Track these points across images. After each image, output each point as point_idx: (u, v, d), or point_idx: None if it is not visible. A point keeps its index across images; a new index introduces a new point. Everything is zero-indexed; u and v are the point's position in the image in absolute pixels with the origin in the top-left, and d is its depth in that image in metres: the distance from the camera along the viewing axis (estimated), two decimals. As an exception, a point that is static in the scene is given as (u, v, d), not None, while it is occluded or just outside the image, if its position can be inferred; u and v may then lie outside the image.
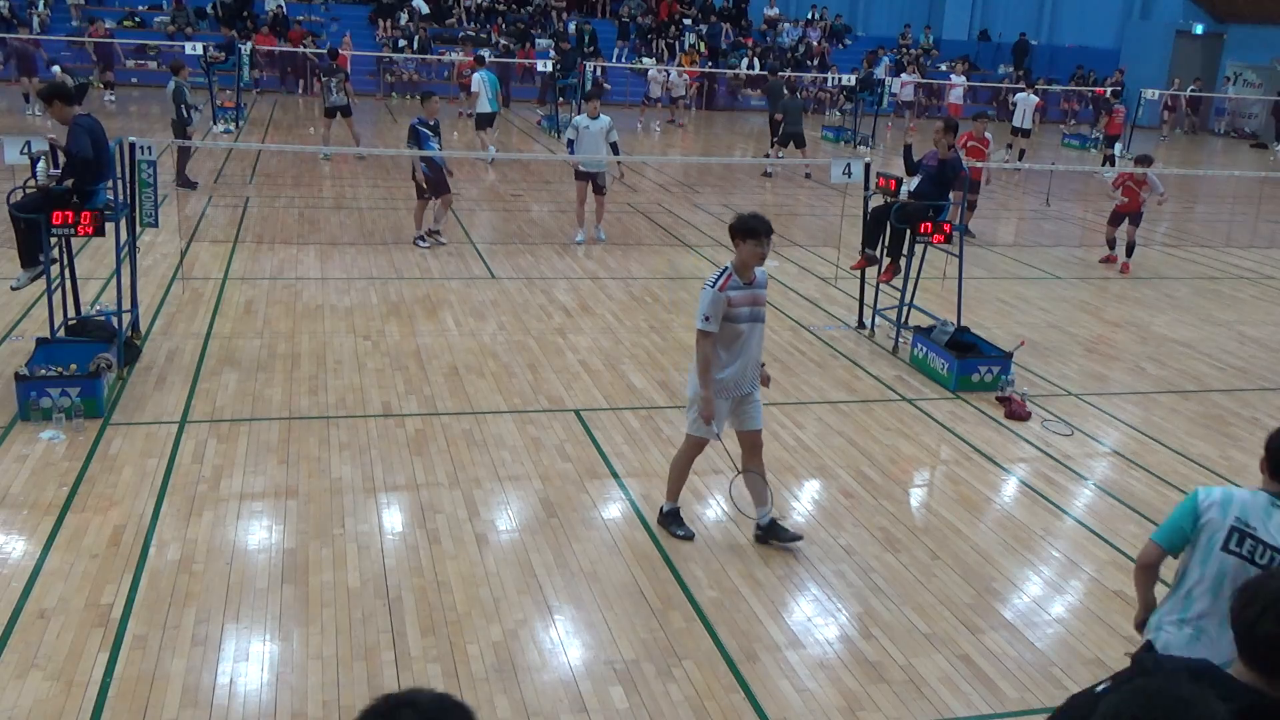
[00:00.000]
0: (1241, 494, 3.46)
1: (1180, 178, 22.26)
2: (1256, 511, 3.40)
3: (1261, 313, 11.68)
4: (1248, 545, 3.36)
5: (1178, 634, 3.44)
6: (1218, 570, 3.39)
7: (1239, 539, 3.37)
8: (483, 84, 17.92)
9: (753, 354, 5.60)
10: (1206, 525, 3.43)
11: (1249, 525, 3.38)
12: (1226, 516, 3.41)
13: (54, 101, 7.51)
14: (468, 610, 5.01)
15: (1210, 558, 3.40)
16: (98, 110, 19.41)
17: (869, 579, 5.53)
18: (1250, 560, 3.36)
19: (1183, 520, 3.49)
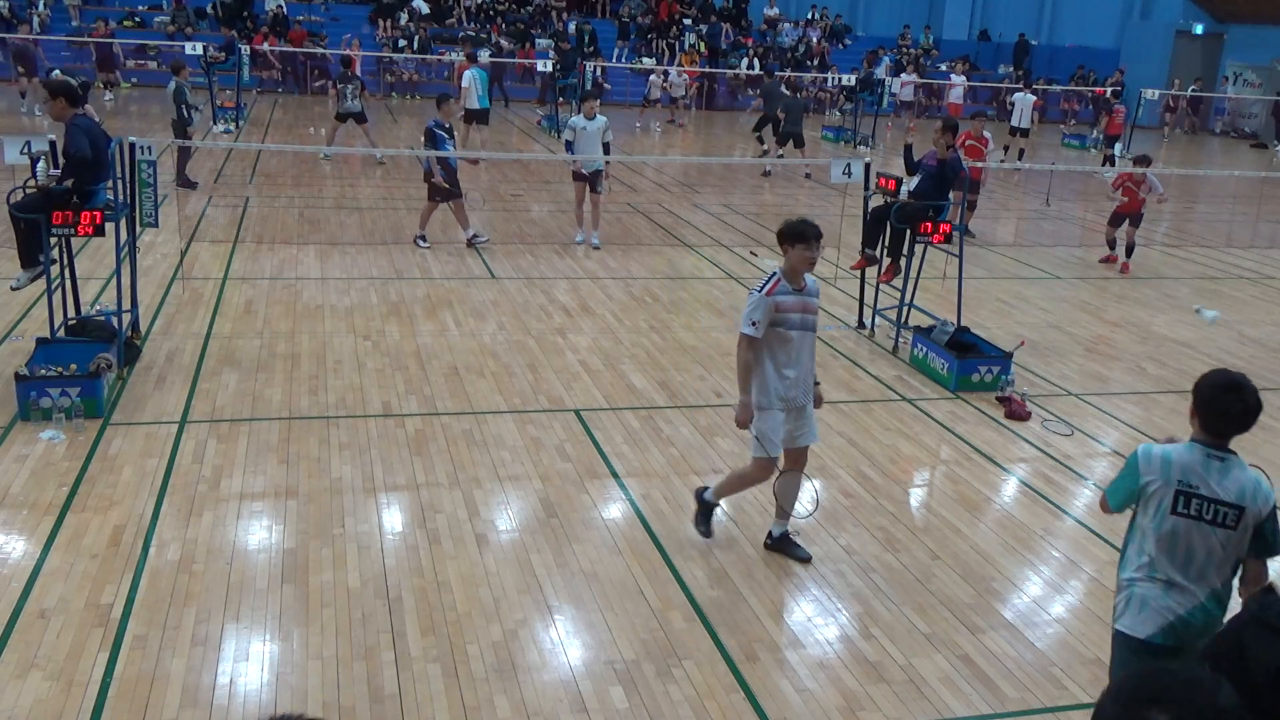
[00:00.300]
0: (1179, 453, 3.63)
1: (1180, 178, 22.27)
2: (1196, 469, 3.59)
3: (1261, 313, 11.68)
4: (1194, 505, 3.58)
5: (1152, 587, 3.65)
6: (1170, 531, 3.60)
7: (1185, 501, 3.58)
8: (474, 80, 18.16)
9: (805, 364, 5.44)
10: (1153, 490, 3.63)
11: (1192, 485, 3.58)
12: (1170, 480, 3.60)
13: (58, 98, 7.51)
14: (468, 610, 5.01)
15: (1163, 521, 3.61)
16: (97, 109, 19.40)
17: (869, 579, 5.53)
18: (1199, 518, 3.57)
19: (1130, 483, 3.71)
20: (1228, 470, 3.60)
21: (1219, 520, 3.56)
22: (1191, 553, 3.60)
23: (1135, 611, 3.67)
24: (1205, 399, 3.66)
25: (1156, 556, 3.64)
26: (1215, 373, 3.75)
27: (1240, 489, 3.57)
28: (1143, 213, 13.13)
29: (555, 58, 24.71)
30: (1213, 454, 3.62)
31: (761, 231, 14.18)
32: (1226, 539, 3.57)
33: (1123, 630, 3.71)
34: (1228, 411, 3.63)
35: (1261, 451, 7.63)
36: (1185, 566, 3.60)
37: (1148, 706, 1.61)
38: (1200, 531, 3.57)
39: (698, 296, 10.78)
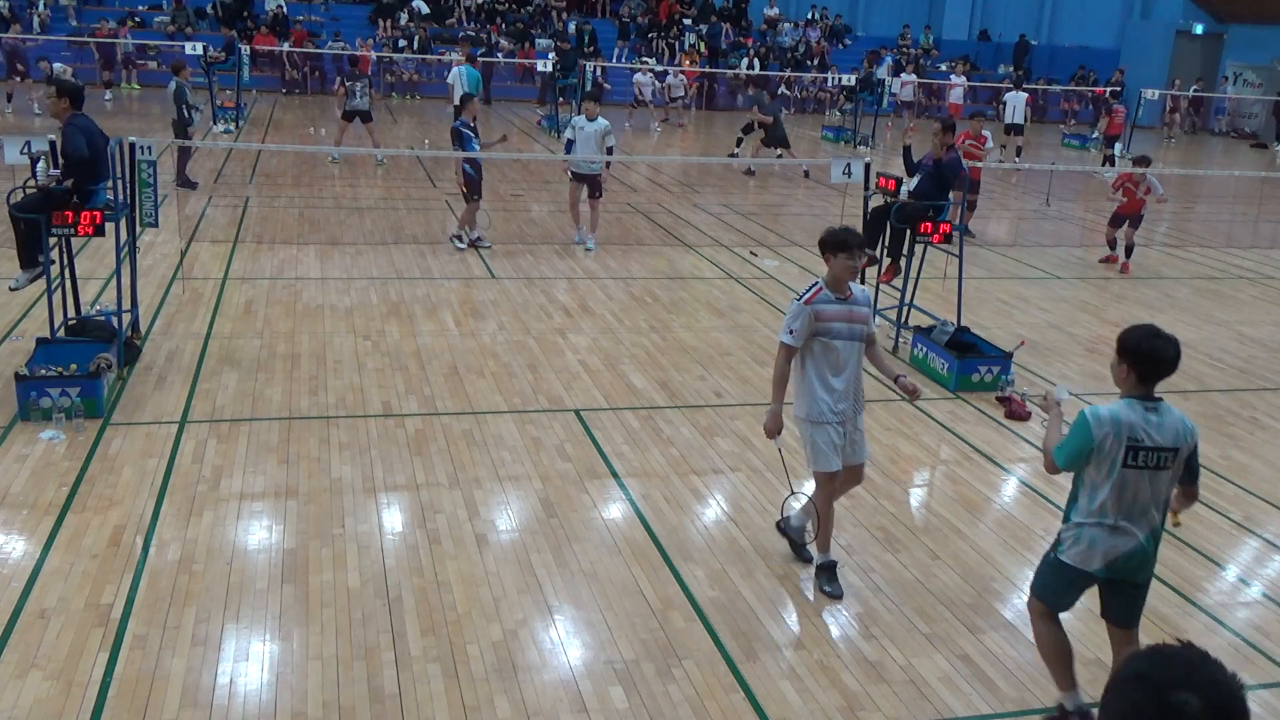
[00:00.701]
0: (1123, 411, 3.99)
1: (1180, 178, 22.27)
2: (1139, 424, 3.97)
3: (1261, 313, 11.68)
4: (1142, 456, 3.98)
5: (1101, 530, 4.08)
6: (1121, 481, 4.01)
7: (1134, 454, 3.97)
8: (459, 77, 18.77)
9: (853, 375, 5.29)
10: (1106, 449, 3.99)
11: (1138, 439, 3.97)
12: (1120, 438, 3.97)
13: (63, 98, 7.51)
14: (468, 610, 5.01)
15: (1115, 474, 4.01)
16: (97, 110, 19.41)
17: (869, 579, 5.53)
18: (1145, 467, 4.00)
19: (1082, 444, 4.03)
20: (1162, 418, 4.00)
21: (1161, 464, 4.00)
22: (1137, 498, 4.04)
23: (1084, 549, 4.12)
24: (1139, 350, 4.01)
25: (1107, 504, 4.04)
26: (1136, 328, 4.12)
27: (1175, 433, 4.01)
28: (1143, 214, 13.13)
29: (555, 58, 24.71)
30: (1148, 406, 4.01)
31: (762, 232, 14.19)
32: (1166, 479, 4.06)
33: (1068, 562, 4.18)
34: (1163, 357, 3.99)
35: (1262, 451, 7.63)
36: (1130, 510, 4.04)
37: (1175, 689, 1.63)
38: (1145, 478, 4.00)
39: (698, 296, 10.78)
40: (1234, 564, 6.00)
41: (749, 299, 10.78)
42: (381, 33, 29.94)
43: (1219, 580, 5.82)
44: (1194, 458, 4.12)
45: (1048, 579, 4.32)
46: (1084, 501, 4.12)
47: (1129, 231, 12.97)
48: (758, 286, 11.26)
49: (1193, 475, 4.18)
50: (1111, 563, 4.10)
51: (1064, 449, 4.11)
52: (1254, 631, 5.29)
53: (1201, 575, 5.82)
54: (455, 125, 12.02)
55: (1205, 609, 5.47)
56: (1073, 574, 4.19)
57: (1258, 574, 5.96)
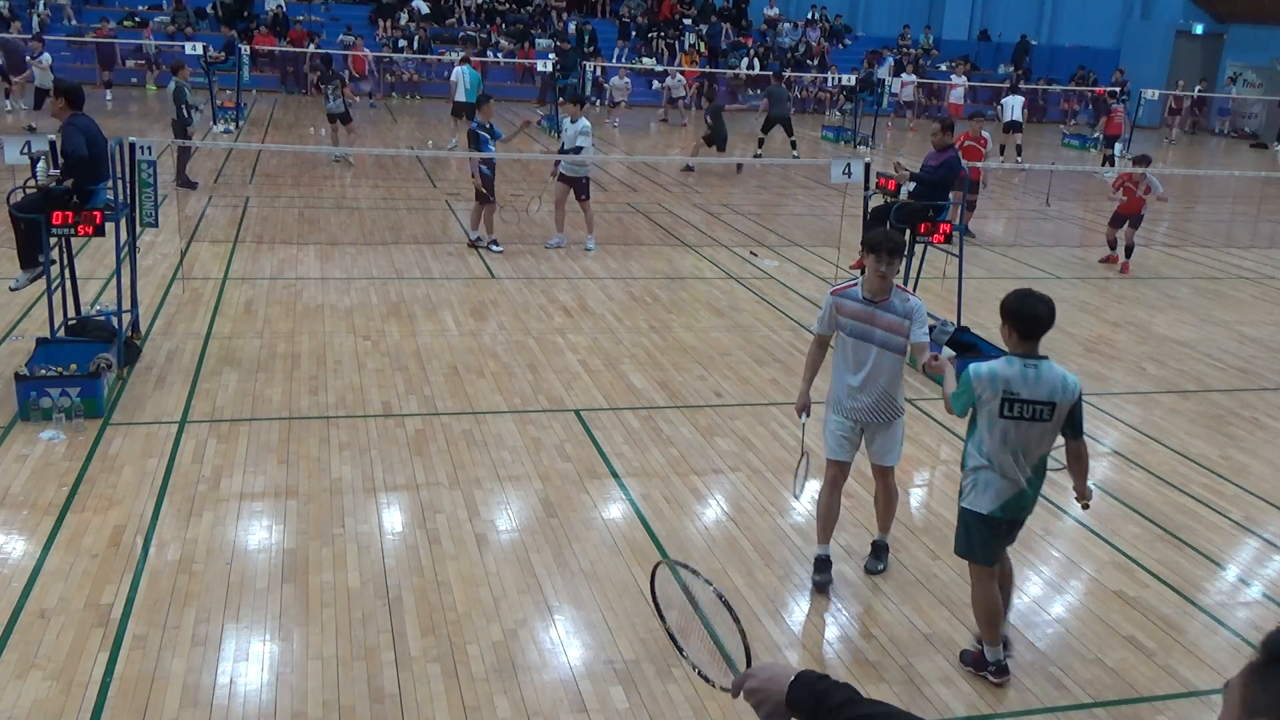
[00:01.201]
0: (1002, 367, 4.39)
1: (1180, 178, 22.26)
2: (1015, 378, 4.37)
3: (1261, 313, 11.68)
4: (1017, 408, 4.38)
5: (991, 475, 4.49)
6: (1001, 431, 4.42)
7: (1009, 405, 4.38)
8: (462, 76, 19.22)
9: (873, 381, 5.22)
10: (985, 400, 4.42)
11: (1014, 392, 4.36)
12: (996, 391, 4.37)
13: (59, 98, 7.53)
14: (468, 610, 5.01)
15: (994, 424, 4.42)
16: (97, 109, 19.39)
17: (869, 579, 5.53)
18: (1021, 418, 4.40)
19: (967, 398, 4.48)
20: (1040, 375, 4.38)
21: (1037, 416, 4.39)
22: (1018, 445, 4.44)
23: (980, 493, 4.52)
24: (1017, 310, 4.41)
25: (993, 451, 4.46)
26: (1013, 292, 4.52)
27: (1051, 388, 4.38)
28: (1143, 214, 13.13)
29: (555, 58, 24.72)
30: (1028, 363, 4.40)
31: (762, 232, 14.19)
32: (1044, 430, 4.45)
33: (969, 508, 4.57)
34: (1036, 314, 4.40)
35: (1262, 451, 7.63)
36: (1014, 456, 4.45)
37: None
38: (1023, 427, 4.41)
39: (698, 296, 10.78)
40: (1234, 564, 6.00)
41: (749, 299, 10.78)
42: (381, 33, 29.95)
43: (1219, 580, 5.82)
44: (1076, 411, 4.46)
45: (966, 531, 4.63)
46: (973, 449, 4.54)
47: (1129, 231, 12.97)
48: (758, 286, 11.26)
49: (1075, 429, 4.52)
50: (1005, 504, 4.50)
51: (955, 401, 4.55)
52: (1254, 632, 5.28)
53: (1201, 575, 5.82)
54: (471, 127, 12.09)
55: (1205, 609, 5.47)
56: (980, 519, 4.54)
57: (1258, 574, 5.96)
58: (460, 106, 19.18)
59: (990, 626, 4.66)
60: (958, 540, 4.69)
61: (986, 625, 4.67)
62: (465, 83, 19.12)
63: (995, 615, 4.65)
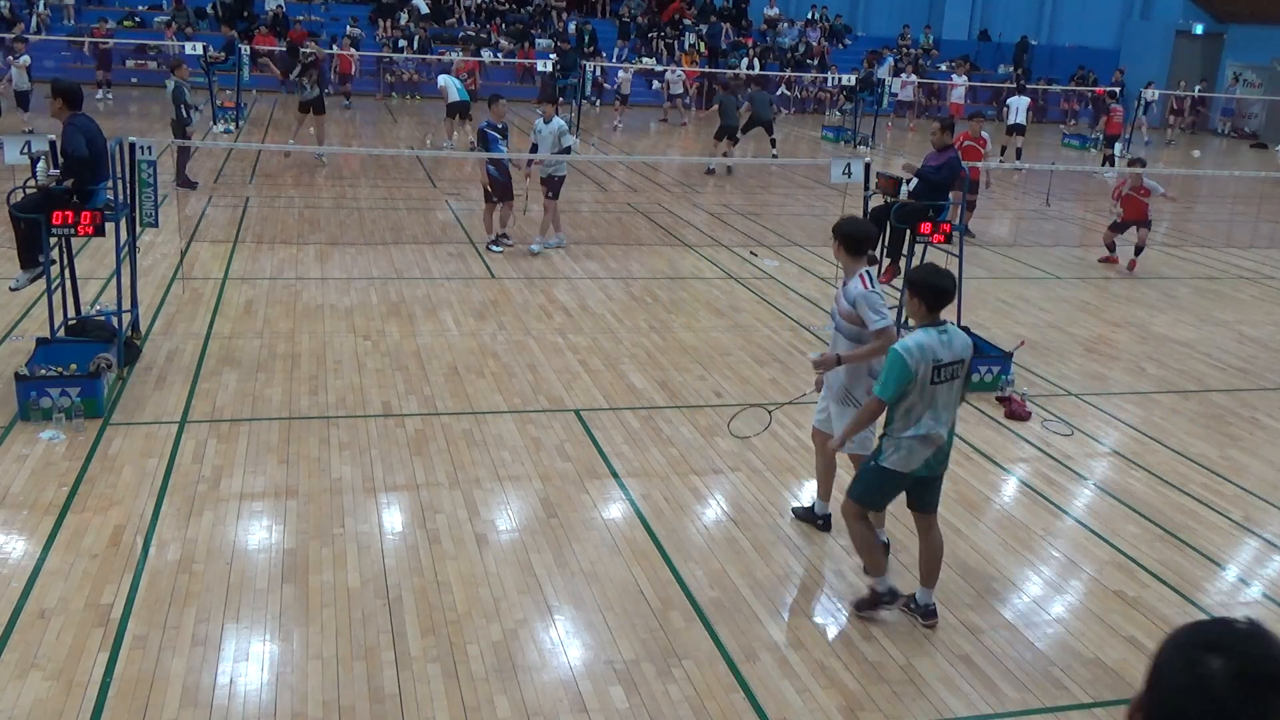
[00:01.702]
0: (924, 339, 4.72)
1: (1180, 178, 22.26)
2: (937, 346, 4.73)
3: (1261, 313, 11.68)
4: (943, 372, 4.76)
5: (916, 440, 4.81)
6: (931, 395, 4.78)
7: (937, 372, 4.74)
8: (450, 82, 19.65)
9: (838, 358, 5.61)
10: (919, 375, 4.71)
11: (940, 359, 4.73)
12: (927, 361, 4.70)
13: (58, 98, 7.54)
14: (468, 610, 5.01)
15: (926, 391, 4.76)
16: (92, 109, 19.42)
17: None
18: (946, 379, 4.78)
19: (904, 378, 4.72)
20: (951, 338, 4.79)
21: (954, 375, 4.82)
22: (944, 405, 4.83)
23: (904, 456, 4.85)
24: (927, 285, 4.77)
25: (922, 417, 4.79)
26: (921, 267, 5.01)
27: (960, 347, 4.82)
28: (1149, 217, 13.08)
29: (555, 58, 24.72)
30: (940, 330, 4.77)
31: (762, 232, 14.18)
32: (957, 386, 4.89)
33: (890, 468, 4.89)
34: (944, 288, 4.76)
35: (1262, 451, 7.63)
36: (938, 416, 4.82)
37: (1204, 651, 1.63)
38: (945, 389, 4.80)
39: (698, 296, 10.78)
40: (1234, 564, 6.00)
41: (749, 299, 10.78)
42: (381, 33, 29.94)
43: (1219, 580, 5.82)
44: (972, 365, 5.03)
45: (872, 485, 5.02)
46: (899, 416, 4.84)
47: (1142, 232, 12.93)
48: (758, 286, 11.26)
49: (968, 379, 5.14)
50: (926, 462, 4.88)
51: (887, 386, 4.78)
52: (1254, 631, 5.28)
53: (1201, 575, 5.82)
54: (480, 127, 12.15)
55: (1205, 609, 5.47)
56: (894, 477, 4.94)
57: (1258, 574, 5.96)
58: (454, 106, 19.42)
59: (877, 557, 5.15)
60: (859, 488, 5.06)
61: (869, 558, 5.14)
62: (453, 86, 19.49)
63: (873, 548, 5.13)
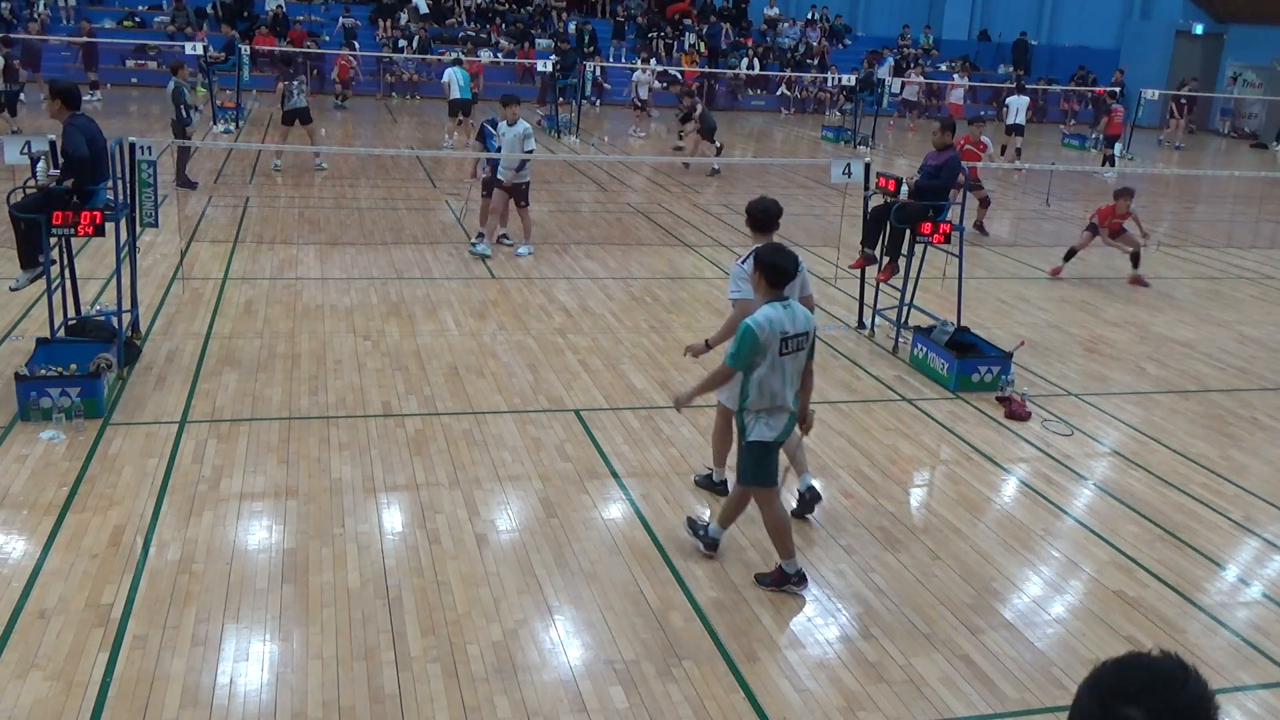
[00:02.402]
0: (771, 313, 5.00)
1: (1180, 178, 22.27)
2: (783, 320, 5.01)
3: (1261, 313, 11.68)
4: (790, 344, 5.05)
5: (771, 411, 5.13)
6: (780, 367, 5.07)
7: (785, 344, 5.03)
8: (454, 77, 19.66)
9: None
10: (768, 346, 4.98)
11: (785, 332, 5.02)
12: (775, 334, 4.98)
13: (56, 99, 7.54)
14: (468, 610, 5.01)
15: (776, 363, 5.05)
16: (85, 110, 19.39)
17: (869, 579, 5.53)
18: (792, 351, 5.08)
19: (752, 351, 5.00)
20: (794, 312, 5.09)
21: (800, 347, 5.13)
22: (790, 376, 5.14)
23: (764, 428, 5.16)
24: (769, 263, 5.05)
25: (775, 388, 5.09)
26: (765, 245, 5.29)
27: (804, 321, 5.13)
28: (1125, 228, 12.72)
29: (556, 58, 24.72)
30: (784, 305, 5.05)
31: (761, 231, 14.16)
32: (803, 358, 5.20)
33: (758, 440, 5.19)
34: (786, 266, 5.06)
35: (1262, 451, 7.64)
36: (787, 387, 5.13)
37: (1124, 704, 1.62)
38: (791, 360, 5.11)
39: (698, 296, 10.78)
40: (1234, 564, 6.00)
41: (749, 299, 10.76)
42: (381, 33, 29.94)
43: (1219, 580, 5.82)
44: (814, 337, 5.27)
45: (755, 463, 5.26)
46: (753, 391, 5.12)
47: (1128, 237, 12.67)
48: (758, 286, 11.24)
49: (811, 352, 5.30)
50: (781, 430, 5.23)
51: (739, 357, 5.04)
52: (1254, 631, 5.29)
53: (1201, 575, 5.82)
54: (483, 123, 12.29)
55: (1205, 609, 5.47)
56: (768, 447, 5.22)
57: (1258, 574, 5.96)
58: (456, 105, 19.47)
59: (784, 543, 5.32)
60: (746, 471, 5.29)
61: (781, 541, 5.33)
62: (458, 81, 19.47)
63: (786, 531, 5.33)
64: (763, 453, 5.21)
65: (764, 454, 5.22)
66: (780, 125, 29.25)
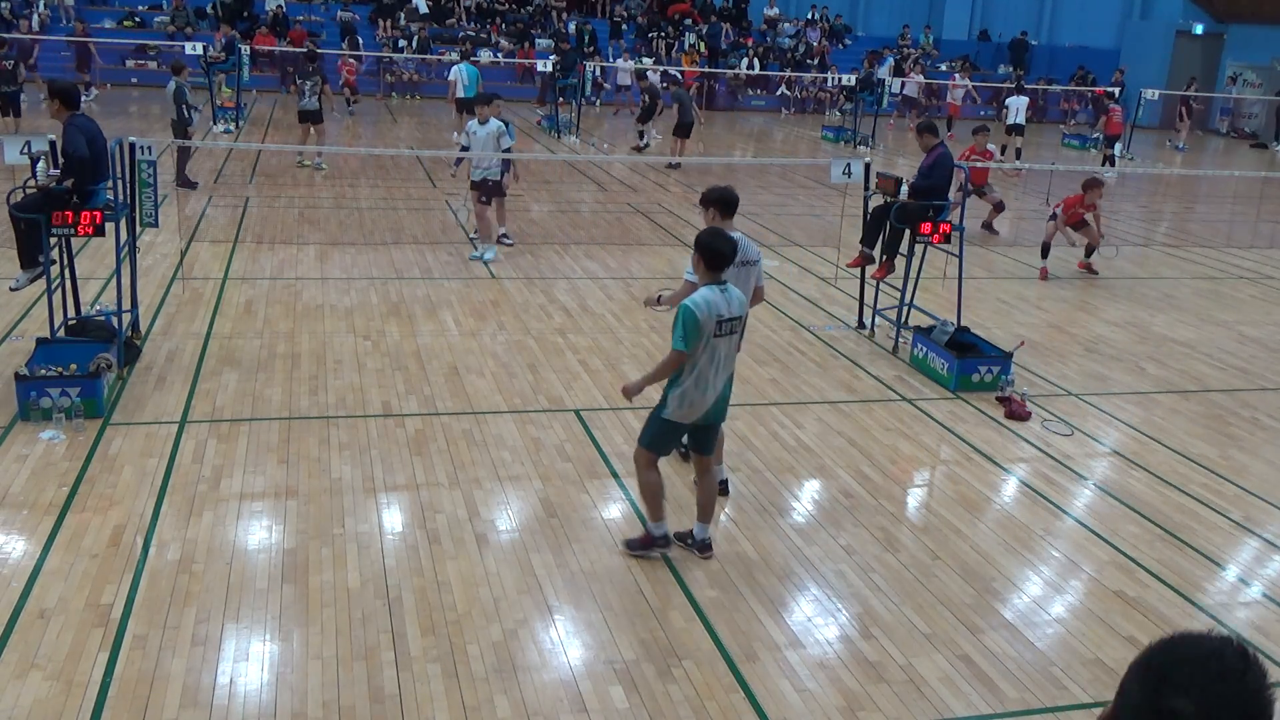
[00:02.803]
0: (709, 296, 5.11)
1: (1180, 178, 22.27)
2: (720, 302, 5.13)
3: (1261, 313, 11.68)
4: (724, 326, 5.17)
5: (696, 390, 5.21)
6: (713, 348, 5.18)
7: (720, 325, 5.16)
8: (460, 74, 19.73)
9: None
10: (706, 328, 5.11)
11: (721, 315, 5.14)
12: (713, 316, 5.10)
13: (54, 100, 7.55)
14: (468, 610, 5.01)
15: (710, 345, 5.16)
16: (84, 111, 19.38)
17: (869, 579, 5.53)
18: (726, 334, 5.21)
19: (699, 336, 5.10)
20: (730, 295, 5.20)
21: (733, 330, 5.25)
22: (723, 357, 5.26)
23: (685, 408, 5.25)
24: (707, 246, 5.17)
25: (703, 369, 5.18)
26: (705, 230, 5.37)
27: (739, 304, 5.24)
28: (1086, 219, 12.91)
29: (555, 58, 24.73)
30: (721, 288, 5.16)
31: (762, 232, 14.18)
32: (735, 340, 5.34)
33: (671, 419, 5.29)
34: (722, 250, 5.17)
35: (1262, 451, 7.64)
36: (718, 369, 5.25)
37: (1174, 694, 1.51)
38: (725, 342, 5.23)
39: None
40: (1234, 564, 6.00)
41: (749, 299, 10.76)
42: (381, 33, 29.94)
43: (1219, 580, 5.82)
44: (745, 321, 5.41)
45: (658, 435, 5.39)
46: (686, 371, 5.19)
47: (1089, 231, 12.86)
48: (758, 286, 11.25)
49: (741, 336, 5.47)
50: (706, 413, 5.33)
51: (687, 339, 5.10)
52: (1254, 632, 5.29)
53: (1201, 575, 5.82)
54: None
55: (1205, 609, 5.47)
56: (676, 427, 5.38)
57: (1258, 574, 5.96)
58: (462, 102, 19.46)
59: (653, 507, 5.47)
60: (645, 435, 5.43)
61: (650, 505, 5.48)
62: (464, 79, 19.45)
63: (656, 496, 5.46)
64: (670, 431, 5.38)
65: (670, 431, 5.39)
66: (780, 125, 29.26)
